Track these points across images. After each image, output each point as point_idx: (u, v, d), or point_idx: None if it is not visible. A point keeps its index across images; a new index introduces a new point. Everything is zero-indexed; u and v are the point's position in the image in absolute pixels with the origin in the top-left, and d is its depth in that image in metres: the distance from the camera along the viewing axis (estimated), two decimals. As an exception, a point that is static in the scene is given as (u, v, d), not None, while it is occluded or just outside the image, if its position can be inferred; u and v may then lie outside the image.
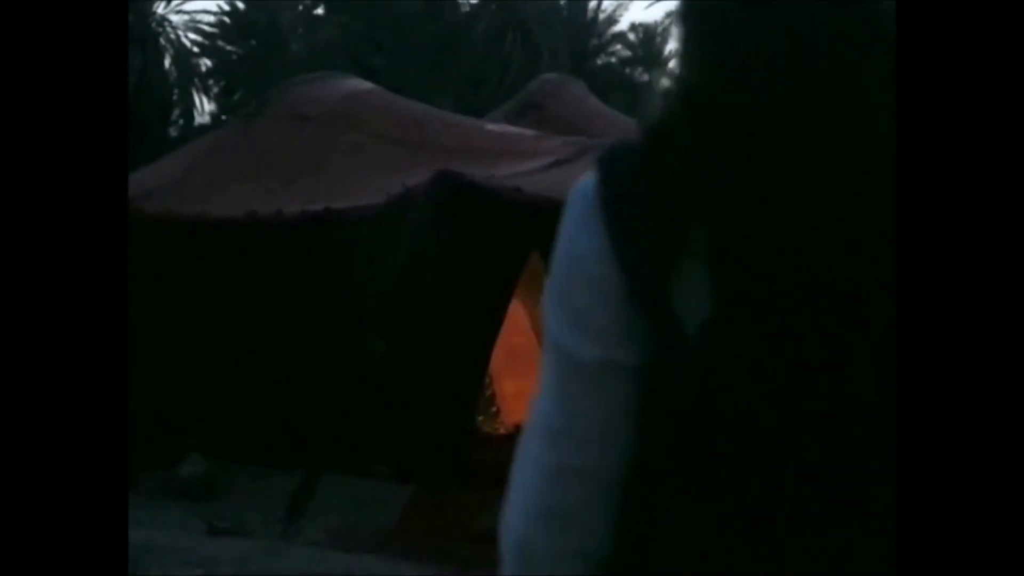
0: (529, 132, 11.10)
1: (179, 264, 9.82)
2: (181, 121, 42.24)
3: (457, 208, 8.92)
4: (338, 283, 9.49)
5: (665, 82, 1.51)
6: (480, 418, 11.77)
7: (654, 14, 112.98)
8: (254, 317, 9.79)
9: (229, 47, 47.00)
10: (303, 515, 8.46)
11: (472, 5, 44.63)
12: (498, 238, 9.19)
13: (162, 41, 41.67)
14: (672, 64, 1.52)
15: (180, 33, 44.43)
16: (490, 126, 11.47)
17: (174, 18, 44.37)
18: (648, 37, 49.62)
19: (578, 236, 1.49)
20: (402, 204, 9.21)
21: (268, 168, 10.32)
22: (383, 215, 9.29)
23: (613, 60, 49.54)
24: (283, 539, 8.01)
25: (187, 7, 47.09)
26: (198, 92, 45.82)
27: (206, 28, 46.79)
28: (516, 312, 11.49)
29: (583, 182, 1.52)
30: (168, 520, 8.32)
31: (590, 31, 48.04)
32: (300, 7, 47.43)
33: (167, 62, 41.81)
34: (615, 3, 60.68)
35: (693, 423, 1.41)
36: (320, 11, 47.18)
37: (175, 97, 42.23)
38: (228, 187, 10.10)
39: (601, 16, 48.56)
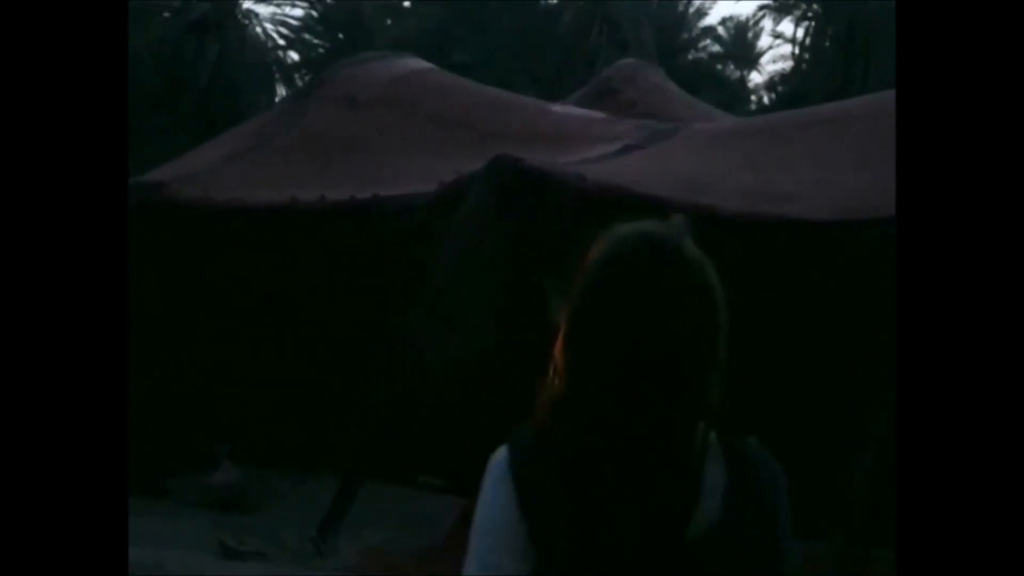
0: (598, 115, 10.27)
1: (216, 254, 9.07)
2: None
3: (515, 197, 8.12)
4: (385, 277, 8.72)
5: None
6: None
7: (745, 8, 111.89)
8: (295, 312, 9.07)
9: (315, 40, 46.81)
10: (338, 532, 7.69)
11: (560, -3, 43.83)
12: (560, 230, 8.37)
13: (248, 33, 41.42)
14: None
15: (267, 26, 44.31)
16: (556, 108, 10.65)
17: (260, 10, 44.15)
18: (739, 31, 48.72)
19: (495, 493, 2.15)
20: (456, 192, 8.42)
21: (315, 153, 9.57)
22: (435, 204, 8.51)
23: (703, 55, 48.63)
24: (309, 561, 7.25)
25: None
26: (282, 85, 45.60)
27: (292, 21, 46.69)
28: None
29: (500, 452, 2.19)
30: (189, 535, 7.60)
31: (680, 25, 47.18)
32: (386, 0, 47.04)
33: (251, 55, 41.51)
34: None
35: None
36: (407, 3, 46.77)
37: (259, 90, 41.97)
38: (271, 172, 9.37)
39: (691, 10, 47.66)
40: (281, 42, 46.19)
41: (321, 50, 46.07)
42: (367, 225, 8.69)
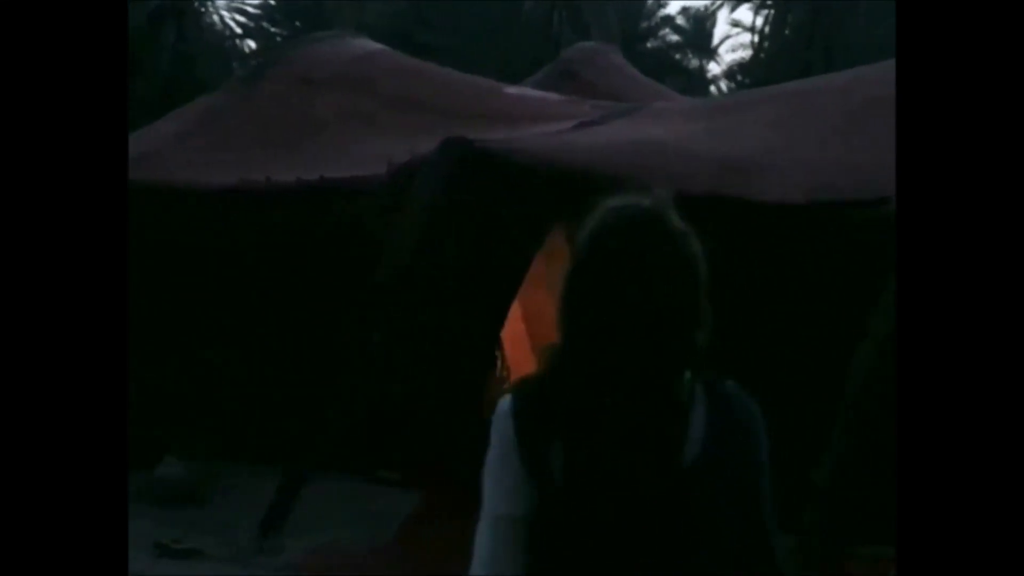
0: (554, 96, 10.00)
1: (162, 237, 8.67)
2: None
3: (467, 178, 7.82)
4: (335, 262, 8.41)
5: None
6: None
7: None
8: (246, 299, 8.75)
9: (273, 28, 46.38)
10: (282, 528, 7.36)
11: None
12: (513, 211, 8.08)
13: (205, 20, 40.91)
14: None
15: (224, 14, 43.81)
16: (511, 89, 10.36)
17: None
18: (698, 21, 48.59)
19: (501, 440, 2.41)
20: (407, 174, 8.11)
21: (266, 134, 9.25)
22: (386, 186, 8.20)
23: (662, 44, 48.53)
24: (251, 559, 6.93)
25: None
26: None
27: (250, 9, 46.22)
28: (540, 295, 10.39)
29: (504, 402, 2.44)
30: (131, 532, 7.24)
31: (639, 14, 47.05)
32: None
33: (209, 41, 41.01)
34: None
35: (560, 534, 2.36)
36: (367, -10, 46.36)
37: (218, 78, 41.46)
38: (221, 153, 9.03)
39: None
40: (238, 30, 45.75)
41: (279, 38, 45.63)
42: (319, 208, 8.39)
